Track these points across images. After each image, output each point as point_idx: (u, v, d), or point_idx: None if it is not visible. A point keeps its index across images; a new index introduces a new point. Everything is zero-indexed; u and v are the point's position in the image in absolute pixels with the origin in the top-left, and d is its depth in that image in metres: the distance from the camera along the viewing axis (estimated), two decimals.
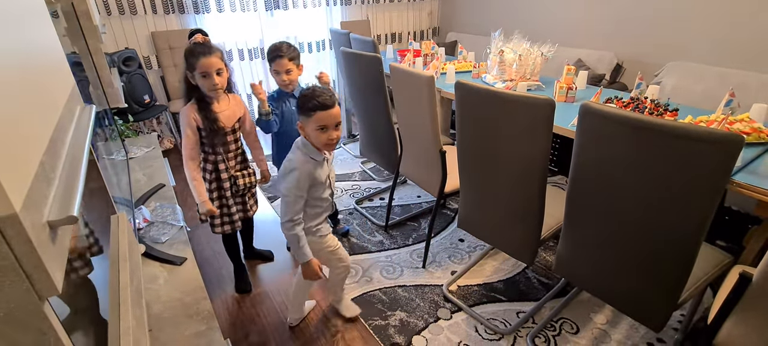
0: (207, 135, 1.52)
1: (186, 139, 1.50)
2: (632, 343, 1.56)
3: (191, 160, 1.53)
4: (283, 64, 1.74)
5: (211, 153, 1.57)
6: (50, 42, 0.78)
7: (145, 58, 3.37)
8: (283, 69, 1.75)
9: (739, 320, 1.04)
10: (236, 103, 1.62)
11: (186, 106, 1.50)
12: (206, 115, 1.49)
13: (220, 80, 1.48)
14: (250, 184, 1.69)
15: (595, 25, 3.37)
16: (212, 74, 1.44)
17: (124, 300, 0.76)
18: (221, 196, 1.63)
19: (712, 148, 0.90)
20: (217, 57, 1.45)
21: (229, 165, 1.60)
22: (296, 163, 1.30)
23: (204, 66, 1.43)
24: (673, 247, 1.08)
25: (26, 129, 0.51)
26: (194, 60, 1.42)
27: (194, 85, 1.48)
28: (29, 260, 0.41)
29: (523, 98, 1.24)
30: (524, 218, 1.46)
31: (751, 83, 2.33)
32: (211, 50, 1.44)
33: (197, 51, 1.43)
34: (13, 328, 0.41)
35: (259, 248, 2.09)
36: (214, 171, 1.59)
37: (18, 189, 0.41)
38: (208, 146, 1.56)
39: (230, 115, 1.57)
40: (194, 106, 1.49)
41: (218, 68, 1.46)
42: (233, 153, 1.62)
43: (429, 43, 3.04)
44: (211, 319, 1.22)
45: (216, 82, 1.46)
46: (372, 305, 1.78)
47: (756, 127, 1.50)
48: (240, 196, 1.69)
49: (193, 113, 1.48)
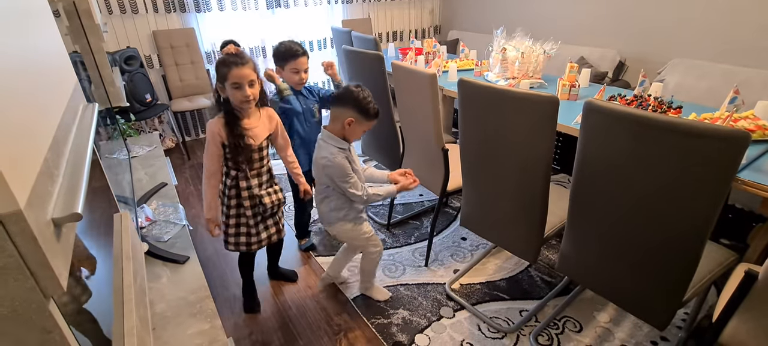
0: (231, 151, 1.44)
1: (209, 155, 1.44)
2: (636, 341, 1.55)
3: (213, 176, 1.46)
4: (303, 62, 1.76)
5: (233, 169, 1.48)
6: (52, 41, 0.78)
7: (147, 57, 3.37)
8: (302, 67, 1.77)
9: (744, 318, 1.03)
10: (269, 117, 1.55)
11: (213, 120, 1.43)
12: (233, 130, 1.41)
13: (253, 92, 1.40)
14: (278, 202, 1.57)
15: (598, 22, 3.35)
16: (244, 85, 1.37)
17: (128, 299, 0.76)
18: (239, 214, 1.54)
19: (717, 145, 0.90)
20: (249, 68, 1.38)
21: (252, 183, 1.50)
22: (334, 155, 1.41)
23: (236, 76, 1.35)
24: (677, 245, 1.07)
25: (29, 126, 0.51)
26: (226, 70, 1.35)
27: (224, 98, 1.41)
28: (34, 258, 0.41)
29: (527, 96, 1.23)
30: (527, 217, 1.45)
31: (756, 80, 2.32)
32: (244, 60, 1.37)
33: (229, 61, 1.36)
34: (17, 326, 0.41)
35: (283, 267, 1.98)
36: (235, 187, 1.50)
37: (22, 186, 0.41)
38: (231, 162, 1.47)
39: (261, 131, 1.50)
40: (221, 121, 1.42)
41: (251, 79, 1.38)
42: (256, 171, 1.51)
43: (431, 41, 3.03)
44: (214, 317, 1.22)
45: (248, 93, 1.38)
46: (374, 304, 1.78)
47: (761, 125, 1.49)
48: (269, 216, 1.59)
49: (219, 128, 1.41)
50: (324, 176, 1.47)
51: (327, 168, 1.43)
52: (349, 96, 1.41)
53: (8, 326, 0.41)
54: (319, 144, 1.47)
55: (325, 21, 4.09)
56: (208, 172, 1.46)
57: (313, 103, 1.87)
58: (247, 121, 1.46)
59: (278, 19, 3.81)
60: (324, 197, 1.54)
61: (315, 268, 2.02)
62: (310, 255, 2.11)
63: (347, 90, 1.42)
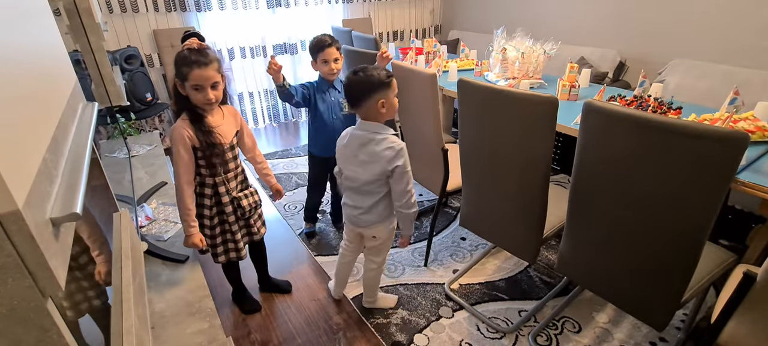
0: (204, 154, 1.33)
1: (179, 161, 1.30)
2: (635, 342, 1.55)
3: (188, 185, 1.33)
4: (331, 52, 1.81)
5: (208, 176, 1.38)
6: (52, 40, 0.78)
7: (147, 56, 3.37)
8: (331, 57, 1.81)
9: (743, 319, 1.03)
10: (232, 114, 1.45)
11: (177, 123, 1.31)
12: (201, 127, 1.30)
13: (216, 94, 1.29)
14: (255, 204, 1.51)
15: (598, 22, 3.35)
16: (206, 88, 1.26)
17: (127, 298, 0.76)
18: (223, 222, 1.45)
19: (717, 146, 0.90)
20: (213, 69, 1.26)
21: (230, 186, 1.42)
22: (396, 140, 1.33)
23: (197, 78, 1.24)
24: (676, 246, 1.07)
25: (28, 126, 0.51)
26: (187, 69, 1.24)
27: (184, 96, 1.30)
28: (32, 257, 0.41)
29: (526, 96, 1.23)
30: (526, 217, 1.46)
31: (756, 81, 2.32)
32: (207, 60, 1.25)
33: (191, 59, 1.24)
34: (15, 325, 0.41)
35: (274, 276, 1.88)
36: (214, 195, 1.40)
37: (20, 186, 0.41)
38: (206, 168, 1.37)
39: (227, 129, 1.40)
40: (186, 122, 1.30)
41: (214, 81, 1.27)
42: (233, 173, 1.43)
43: (431, 41, 3.03)
44: (213, 317, 1.22)
45: (210, 97, 1.27)
46: None
47: (760, 126, 1.49)
48: (244, 219, 1.51)
49: (186, 130, 1.29)
50: (388, 168, 1.32)
51: (397, 156, 1.30)
52: (359, 85, 1.29)
53: (6, 325, 0.41)
54: (370, 138, 1.32)
55: (326, 20, 4.09)
56: (182, 182, 1.32)
57: (343, 97, 1.90)
58: (212, 119, 1.35)
59: (279, 18, 3.81)
60: (384, 194, 1.41)
61: (313, 267, 2.02)
62: (308, 253, 2.11)
63: (353, 83, 1.30)
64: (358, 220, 1.48)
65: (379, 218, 1.45)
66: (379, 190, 1.40)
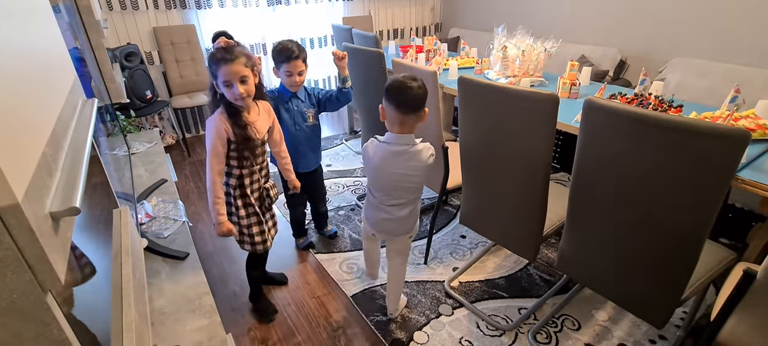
0: (238, 147, 1.37)
1: (214, 152, 1.33)
2: (634, 340, 1.55)
3: (219, 175, 1.37)
4: (297, 65, 1.67)
5: (236, 167, 1.42)
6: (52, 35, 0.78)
7: (147, 53, 3.37)
8: (296, 70, 1.68)
9: (743, 317, 1.03)
10: (266, 111, 1.49)
11: (214, 116, 1.34)
12: (237, 122, 1.34)
13: (246, 89, 1.30)
14: (276, 195, 1.57)
15: (599, 20, 3.34)
16: (235, 83, 1.28)
17: (127, 295, 0.76)
18: (249, 213, 1.49)
19: (717, 143, 0.89)
20: (240, 63, 1.28)
21: (255, 178, 1.47)
22: (429, 147, 1.35)
23: (225, 74, 1.27)
24: (676, 244, 1.07)
25: (28, 120, 0.51)
26: (215, 67, 1.28)
27: (220, 94, 1.34)
28: (32, 251, 0.41)
29: (527, 94, 1.23)
30: (527, 215, 1.46)
31: (757, 80, 2.31)
32: (232, 56, 1.28)
33: (217, 57, 1.28)
34: (15, 319, 0.41)
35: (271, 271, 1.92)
36: (239, 186, 1.44)
37: (20, 179, 0.41)
38: (235, 160, 1.41)
39: (262, 126, 1.44)
40: (224, 115, 1.34)
41: (242, 76, 1.29)
42: (259, 166, 1.47)
43: (431, 39, 3.03)
44: (213, 313, 1.22)
45: (241, 92, 1.29)
46: (373, 301, 1.78)
47: (761, 124, 1.49)
48: (269, 212, 1.56)
49: (224, 123, 1.33)
50: (425, 176, 1.37)
51: (432, 153, 1.35)
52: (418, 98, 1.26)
53: (6, 319, 0.41)
54: (407, 151, 1.32)
55: (326, 18, 4.08)
56: (214, 172, 1.35)
57: (307, 106, 1.81)
58: (248, 116, 1.39)
59: (279, 15, 3.80)
60: (415, 199, 1.44)
61: (313, 265, 2.02)
62: (308, 252, 2.11)
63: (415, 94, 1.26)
64: (394, 229, 1.47)
65: (414, 221, 1.49)
66: (416, 195, 1.44)
